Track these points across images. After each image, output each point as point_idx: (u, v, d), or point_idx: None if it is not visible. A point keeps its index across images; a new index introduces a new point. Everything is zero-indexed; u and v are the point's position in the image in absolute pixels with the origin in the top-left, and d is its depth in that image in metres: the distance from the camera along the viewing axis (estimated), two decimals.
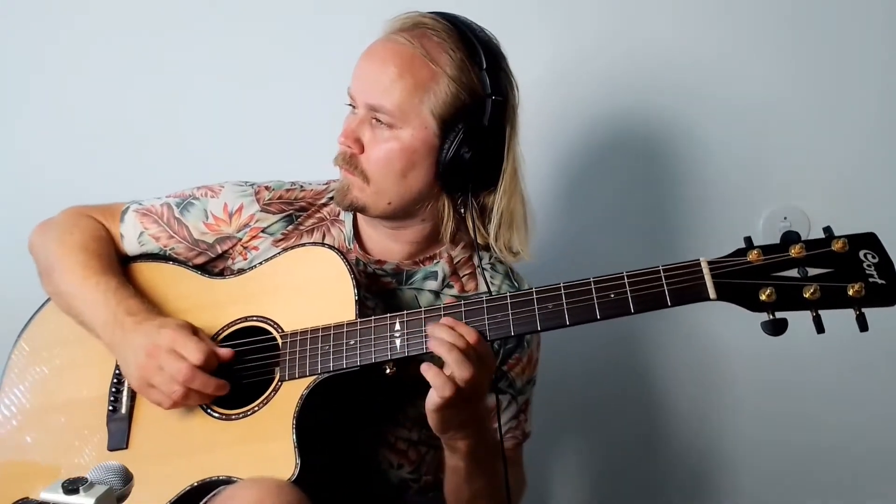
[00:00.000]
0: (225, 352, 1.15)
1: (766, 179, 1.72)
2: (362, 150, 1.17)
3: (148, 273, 1.29)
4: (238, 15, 1.71)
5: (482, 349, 1.05)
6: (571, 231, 1.73)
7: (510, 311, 1.06)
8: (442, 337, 1.04)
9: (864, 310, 0.96)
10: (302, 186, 1.33)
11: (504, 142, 1.18)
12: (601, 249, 1.72)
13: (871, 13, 1.68)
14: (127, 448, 1.18)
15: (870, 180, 1.72)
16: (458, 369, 1.02)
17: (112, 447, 1.19)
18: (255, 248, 1.28)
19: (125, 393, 1.21)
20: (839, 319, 0.97)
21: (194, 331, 1.16)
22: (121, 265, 1.29)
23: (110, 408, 1.21)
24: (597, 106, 1.71)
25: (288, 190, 1.31)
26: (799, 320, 0.98)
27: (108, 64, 1.73)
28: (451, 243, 1.27)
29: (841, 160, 1.72)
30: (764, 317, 0.98)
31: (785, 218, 1.72)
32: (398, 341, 1.09)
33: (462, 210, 1.21)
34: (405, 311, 1.10)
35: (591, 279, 1.04)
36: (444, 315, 1.08)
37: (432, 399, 1.05)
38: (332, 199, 1.29)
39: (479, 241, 1.22)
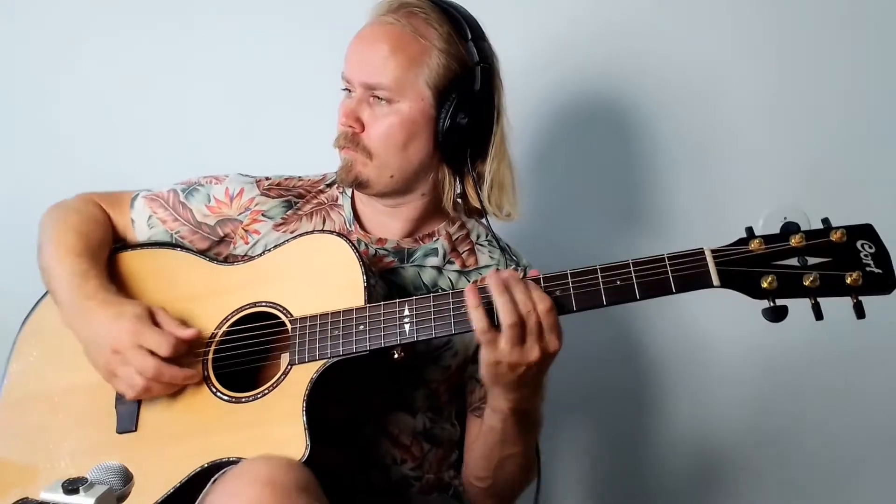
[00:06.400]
0: (187, 332, 1.15)
1: (767, 179, 1.74)
2: (363, 128, 1.22)
3: (160, 259, 1.31)
4: (240, 12, 1.73)
5: (549, 322, 1.04)
6: (569, 235, 1.74)
7: None
8: (514, 303, 1.03)
9: (861, 298, 0.99)
10: (300, 177, 1.38)
11: (494, 107, 1.24)
12: (599, 251, 1.72)
13: (872, 13, 1.70)
14: (136, 431, 1.19)
15: (871, 180, 1.73)
16: (521, 353, 1.04)
17: (121, 430, 1.19)
18: (256, 231, 1.32)
19: None
20: (834, 311, 1.00)
21: (153, 317, 1.17)
22: (107, 251, 1.30)
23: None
24: (595, 106, 1.72)
25: (286, 179, 1.37)
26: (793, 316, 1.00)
27: (114, 61, 1.75)
28: (448, 221, 1.32)
29: (842, 160, 1.73)
30: (765, 304, 1.02)
31: (785, 218, 1.74)
32: (407, 326, 1.11)
33: (460, 180, 1.26)
34: (414, 297, 1.12)
35: (598, 266, 1.06)
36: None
37: (487, 354, 1.06)
38: (329, 186, 1.35)
39: (476, 205, 1.26)
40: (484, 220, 1.31)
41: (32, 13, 1.75)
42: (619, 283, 1.04)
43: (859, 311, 0.99)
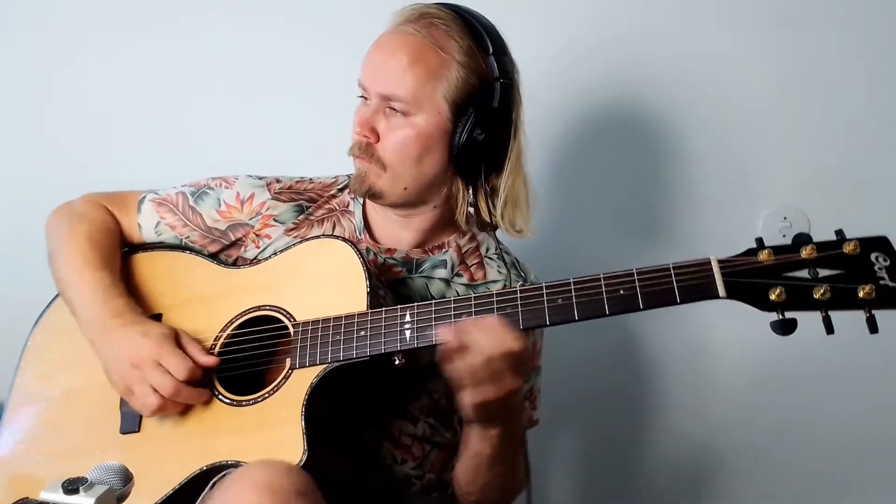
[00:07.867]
0: (209, 360, 1.16)
1: (766, 179, 1.73)
2: (378, 138, 1.21)
3: (169, 260, 1.31)
4: (243, 12, 1.74)
5: (523, 357, 1.05)
6: (567, 230, 1.74)
7: (519, 305, 1.06)
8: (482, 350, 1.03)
9: (874, 312, 0.96)
10: (311, 180, 1.37)
11: (511, 123, 1.22)
12: (598, 250, 1.73)
13: (870, 12, 1.69)
14: (139, 432, 1.20)
15: (870, 180, 1.72)
16: (493, 388, 1.05)
17: (124, 430, 1.20)
18: (268, 236, 1.31)
19: None
20: (839, 320, 0.97)
21: (178, 339, 1.17)
22: (121, 259, 1.30)
23: None
24: (593, 104, 1.71)
25: (297, 182, 1.36)
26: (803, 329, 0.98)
27: (113, 61, 1.76)
28: (458, 233, 1.30)
29: (842, 160, 1.72)
30: (773, 316, 0.99)
31: (785, 218, 1.72)
32: (408, 332, 1.10)
33: (473, 193, 1.24)
34: (415, 304, 1.11)
35: (601, 275, 1.04)
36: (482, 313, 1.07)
37: (467, 397, 1.07)
38: (340, 190, 1.34)
39: (489, 220, 1.25)
40: (494, 235, 1.30)
41: (26, 12, 1.75)
42: (622, 292, 1.02)
43: (872, 326, 0.96)
